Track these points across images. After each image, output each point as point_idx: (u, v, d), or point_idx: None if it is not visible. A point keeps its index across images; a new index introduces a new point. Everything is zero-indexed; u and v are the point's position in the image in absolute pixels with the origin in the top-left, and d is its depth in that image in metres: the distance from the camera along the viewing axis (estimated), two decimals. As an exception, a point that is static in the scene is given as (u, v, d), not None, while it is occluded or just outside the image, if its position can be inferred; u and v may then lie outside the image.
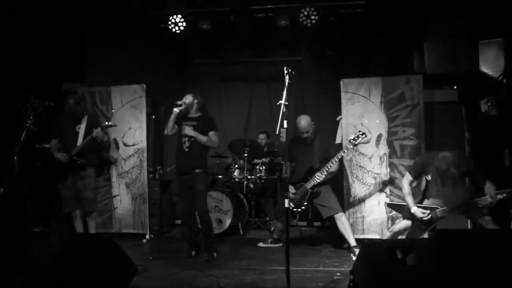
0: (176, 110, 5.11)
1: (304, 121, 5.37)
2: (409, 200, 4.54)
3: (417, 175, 4.66)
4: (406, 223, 4.64)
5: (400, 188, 5.49)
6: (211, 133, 5.13)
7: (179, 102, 5.14)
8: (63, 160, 5.28)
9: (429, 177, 4.53)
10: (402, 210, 4.71)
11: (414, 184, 4.74)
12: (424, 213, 4.39)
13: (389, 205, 5.53)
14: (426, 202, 4.56)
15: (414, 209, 4.46)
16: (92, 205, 5.56)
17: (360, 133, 5.04)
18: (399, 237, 4.67)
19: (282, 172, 6.50)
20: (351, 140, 5.03)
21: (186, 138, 5.11)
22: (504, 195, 4.10)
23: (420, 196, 4.66)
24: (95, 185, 5.66)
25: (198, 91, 5.43)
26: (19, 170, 4.86)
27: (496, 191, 4.18)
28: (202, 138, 5.08)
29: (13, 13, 5.98)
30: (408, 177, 4.68)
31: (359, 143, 5.07)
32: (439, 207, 4.40)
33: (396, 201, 5.58)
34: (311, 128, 5.39)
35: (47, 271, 3.22)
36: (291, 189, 5.35)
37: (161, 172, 7.12)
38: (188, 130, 5.09)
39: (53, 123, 5.52)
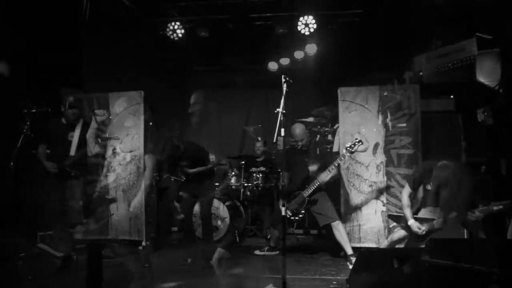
0: None
1: (298, 129, 5.44)
2: (407, 212, 4.52)
3: (416, 186, 4.65)
4: (404, 232, 4.63)
5: (396, 197, 5.52)
6: None
7: None
8: (53, 170, 4.99)
9: (429, 187, 4.52)
10: (400, 220, 4.70)
11: (412, 195, 4.73)
12: (420, 228, 4.37)
13: (389, 216, 5.52)
14: (423, 212, 4.54)
15: (411, 222, 4.44)
16: (77, 216, 5.19)
17: (357, 140, 5.07)
18: (397, 246, 4.66)
19: (279, 180, 6.51)
20: (348, 148, 5.07)
21: None
22: (500, 207, 4.09)
23: (417, 205, 4.65)
24: (81, 195, 5.27)
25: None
26: (15, 176, 4.83)
27: (492, 203, 4.16)
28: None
29: (11, 18, 5.99)
30: (407, 189, 4.67)
31: (356, 150, 5.10)
32: (436, 218, 4.38)
33: (393, 209, 5.57)
34: (305, 137, 5.46)
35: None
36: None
37: (158, 178, 7.10)
38: None
39: (41, 127, 5.20)
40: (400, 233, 4.67)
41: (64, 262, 4.35)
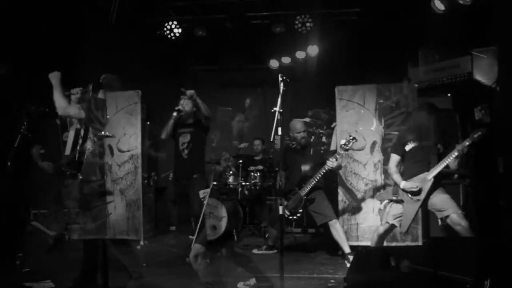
0: (175, 114, 5.04)
1: (299, 123, 5.59)
2: (397, 178, 4.56)
3: (401, 151, 4.67)
4: (388, 225, 4.65)
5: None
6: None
7: (179, 108, 5.05)
8: (48, 170, 4.95)
9: (408, 146, 4.57)
10: (391, 194, 4.70)
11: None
12: (412, 186, 4.39)
13: (378, 197, 5.47)
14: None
15: (403, 184, 4.47)
16: (73, 216, 5.07)
17: (351, 138, 5.09)
18: (385, 237, 4.78)
19: (277, 179, 6.52)
20: (342, 146, 5.10)
21: (185, 146, 5.09)
22: (479, 133, 4.13)
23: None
24: (77, 194, 4.98)
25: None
26: (12, 176, 4.81)
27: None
28: (202, 106, 4.96)
29: (8, 19, 5.98)
30: (395, 158, 4.71)
31: (350, 148, 5.12)
32: (425, 172, 4.40)
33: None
34: (305, 131, 5.58)
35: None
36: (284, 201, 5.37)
37: (155, 178, 7.11)
38: (190, 93, 4.92)
39: (37, 127, 5.05)
40: (385, 226, 4.70)
41: (57, 240, 4.34)
